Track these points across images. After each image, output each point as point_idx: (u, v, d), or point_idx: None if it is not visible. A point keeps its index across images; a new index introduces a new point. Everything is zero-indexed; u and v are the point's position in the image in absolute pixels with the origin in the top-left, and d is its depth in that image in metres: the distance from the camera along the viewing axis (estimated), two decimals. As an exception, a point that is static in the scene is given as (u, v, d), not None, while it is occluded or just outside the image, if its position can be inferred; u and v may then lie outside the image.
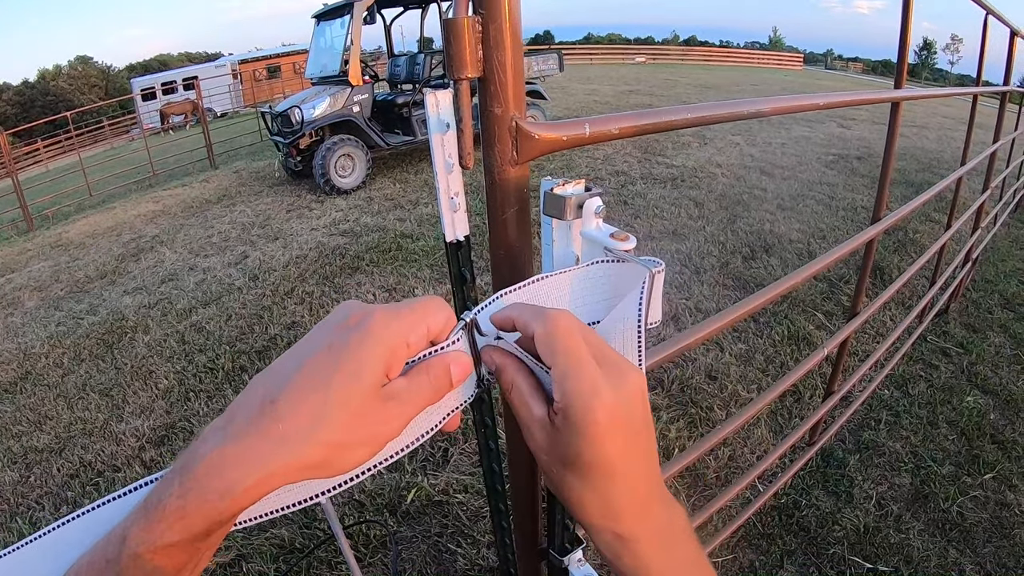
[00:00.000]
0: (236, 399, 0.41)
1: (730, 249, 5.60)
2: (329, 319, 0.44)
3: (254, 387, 0.40)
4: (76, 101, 47.31)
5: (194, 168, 12.74)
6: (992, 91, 3.69)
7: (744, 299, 1.33)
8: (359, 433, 0.41)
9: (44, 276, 7.05)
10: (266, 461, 0.38)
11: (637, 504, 0.46)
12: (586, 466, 0.44)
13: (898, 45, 1.95)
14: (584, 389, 0.43)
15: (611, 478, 0.45)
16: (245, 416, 0.39)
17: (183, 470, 0.37)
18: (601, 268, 0.56)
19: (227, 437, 0.38)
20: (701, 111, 0.97)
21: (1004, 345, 3.83)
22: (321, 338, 0.42)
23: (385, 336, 0.42)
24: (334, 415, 0.39)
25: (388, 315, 0.43)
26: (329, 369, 0.39)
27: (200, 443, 0.38)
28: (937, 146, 11.21)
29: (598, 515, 0.46)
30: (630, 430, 0.45)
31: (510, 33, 0.58)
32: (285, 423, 0.38)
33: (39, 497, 3.16)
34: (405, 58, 10.28)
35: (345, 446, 0.40)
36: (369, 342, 0.41)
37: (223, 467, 0.37)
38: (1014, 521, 2.49)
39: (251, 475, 0.37)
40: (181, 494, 0.36)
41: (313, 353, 0.40)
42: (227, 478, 0.37)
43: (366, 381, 0.40)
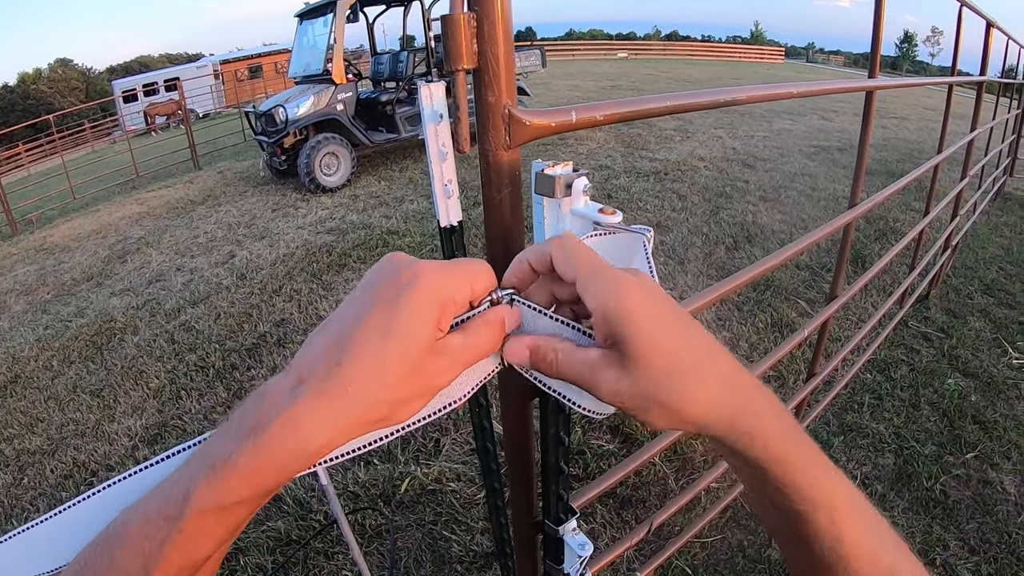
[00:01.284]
0: (297, 357, 0.43)
1: (713, 240, 5.65)
2: (377, 273, 0.45)
3: (315, 347, 0.42)
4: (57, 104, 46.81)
5: (178, 169, 12.67)
6: (967, 81, 3.74)
7: (722, 280, 1.37)
8: (416, 386, 0.43)
9: (30, 280, 7.02)
10: (338, 420, 0.40)
11: (726, 373, 0.45)
12: (662, 358, 0.43)
13: (871, 35, 2.01)
14: (609, 284, 0.44)
15: (690, 356, 0.44)
16: (313, 377, 0.40)
17: (255, 430, 0.39)
18: (593, 242, 0.59)
19: (298, 399, 0.39)
20: (680, 99, 1.01)
21: (984, 329, 3.89)
22: (374, 295, 0.43)
23: (437, 293, 0.44)
24: (395, 372, 0.41)
25: (438, 272, 0.44)
26: (387, 327, 0.41)
27: (269, 404, 0.40)
28: (917, 136, 11.31)
29: (710, 402, 0.43)
30: (671, 309, 0.45)
31: (502, 28, 0.62)
32: (352, 384, 0.40)
33: (33, 499, 3.17)
34: (388, 56, 10.26)
35: (404, 400, 0.43)
36: (423, 300, 0.43)
37: (298, 427, 0.39)
38: (996, 498, 2.55)
39: (324, 433, 0.40)
40: (255, 452, 0.38)
41: (369, 311, 0.42)
42: (302, 437, 0.39)
43: (422, 338, 0.42)
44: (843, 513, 0.44)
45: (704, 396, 0.43)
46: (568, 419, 0.85)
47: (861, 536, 0.45)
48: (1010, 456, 2.79)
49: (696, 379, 0.43)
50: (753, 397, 0.45)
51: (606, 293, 0.43)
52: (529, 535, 1.08)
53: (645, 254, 0.55)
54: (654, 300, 0.44)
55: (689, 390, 0.43)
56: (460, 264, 0.47)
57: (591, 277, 0.45)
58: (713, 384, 0.44)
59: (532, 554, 1.11)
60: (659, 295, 0.45)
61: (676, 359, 0.43)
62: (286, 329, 4.55)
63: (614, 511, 2.56)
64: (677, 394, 0.43)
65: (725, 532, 2.43)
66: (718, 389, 0.44)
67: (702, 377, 0.43)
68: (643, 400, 0.43)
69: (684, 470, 2.79)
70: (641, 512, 2.56)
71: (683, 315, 0.46)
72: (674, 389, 0.43)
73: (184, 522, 0.38)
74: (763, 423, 0.44)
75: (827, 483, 0.45)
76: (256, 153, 11.31)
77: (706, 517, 2.00)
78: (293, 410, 0.39)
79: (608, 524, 2.49)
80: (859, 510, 0.46)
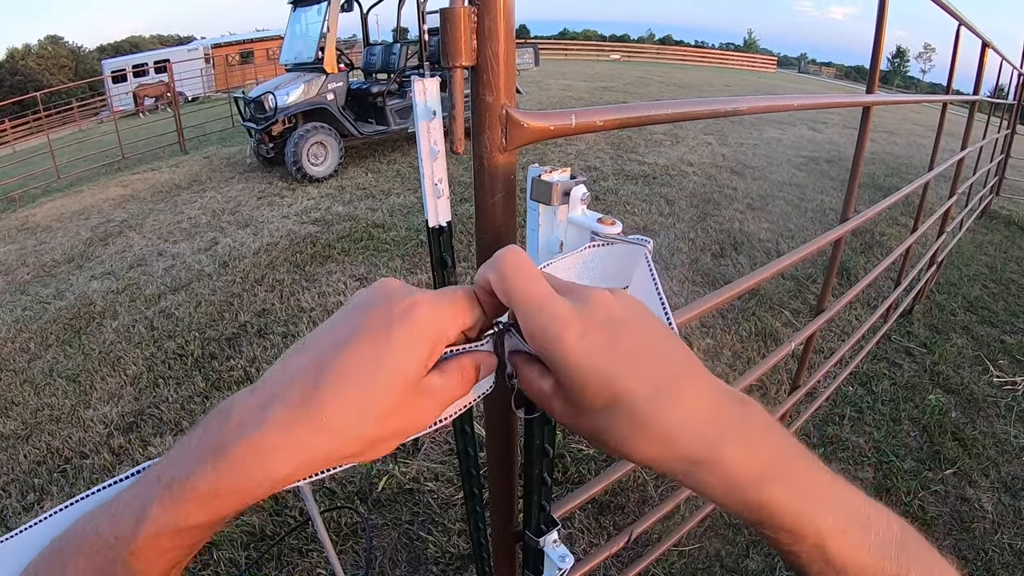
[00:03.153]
0: (269, 376, 0.40)
1: (700, 246, 5.66)
2: (368, 298, 0.42)
3: (290, 366, 0.39)
4: (45, 82, 46.39)
5: (164, 152, 12.56)
6: (961, 100, 3.76)
7: (710, 293, 1.36)
8: (397, 425, 0.41)
9: (10, 259, 6.93)
10: (307, 451, 0.37)
11: (690, 413, 0.40)
12: (595, 399, 0.40)
13: (871, 51, 2.00)
14: (544, 318, 0.41)
15: (628, 398, 0.40)
16: (285, 401, 0.37)
17: (216, 452, 0.36)
18: (591, 252, 0.57)
19: (267, 422, 0.37)
20: (681, 107, 0.99)
21: (966, 346, 3.91)
22: (363, 321, 0.40)
23: (431, 329, 0.41)
24: (379, 407, 0.39)
25: (433, 306, 0.42)
26: (373, 361, 0.39)
27: (233, 424, 0.37)
28: (906, 152, 11.38)
29: (652, 445, 0.40)
30: (617, 340, 0.41)
31: (504, 24, 0.60)
32: (328, 414, 0.37)
33: (5, 484, 3.12)
34: (381, 47, 10.22)
35: (383, 438, 0.41)
36: (417, 335, 0.40)
37: (264, 453, 0.36)
38: (973, 515, 2.56)
39: (292, 462, 0.37)
40: (216, 478, 0.36)
41: (355, 339, 0.39)
42: (268, 465, 0.37)
43: (411, 375, 0.40)
44: (829, 539, 0.41)
45: (652, 440, 0.40)
46: (553, 430, 0.83)
47: (856, 555, 0.41)
48: (988, 474, 2.81)
49: (643, 423, 0.40)
50: (718, 444, 0.40)
51: (543, 339, 0.41)
52: (509, 544, 1.06)
53: (648, 266, 0.53)
54: (594, 342, 0.41)
55: (633, 434, 0.40)
56: (451, 297, 0.44)
57: (527, 316, 0.42)
58: (666, 427, 0.40)
59: (511, 563, 1.09)
60: (602, 332, 0.41)
61: (617, 402, 0.40)
62: (267, 320, 4.51)
63: (592, 517, 2.55)
64: (620, 435, 0.41)
65: (703, 542, 2.43)
66: (673, 432, 0.40)
67: (646, 427, 0.40)
68: (591, 436, 0.43)
69: (663, 477, 2.78)
70: (619, 518, 2.55)
71: (631, 346, 0.41)
72: (616, 430, 0.41)
73: (136, 543, 0.36)
74: (725, 474, 0.40)
75: (808, 514, 0.41)
76: (244, 139, 11.23)
77: (685, 526, 1.99)
78: (259, 435, 0.36)
79: (586, 530, 2.48)
80: (852, 527, 0.41)
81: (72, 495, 2.01)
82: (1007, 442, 3.03)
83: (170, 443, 3.22)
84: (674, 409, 0.40)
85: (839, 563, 0.41)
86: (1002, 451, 2.96)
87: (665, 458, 0.41)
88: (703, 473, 0.40)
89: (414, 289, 0.43)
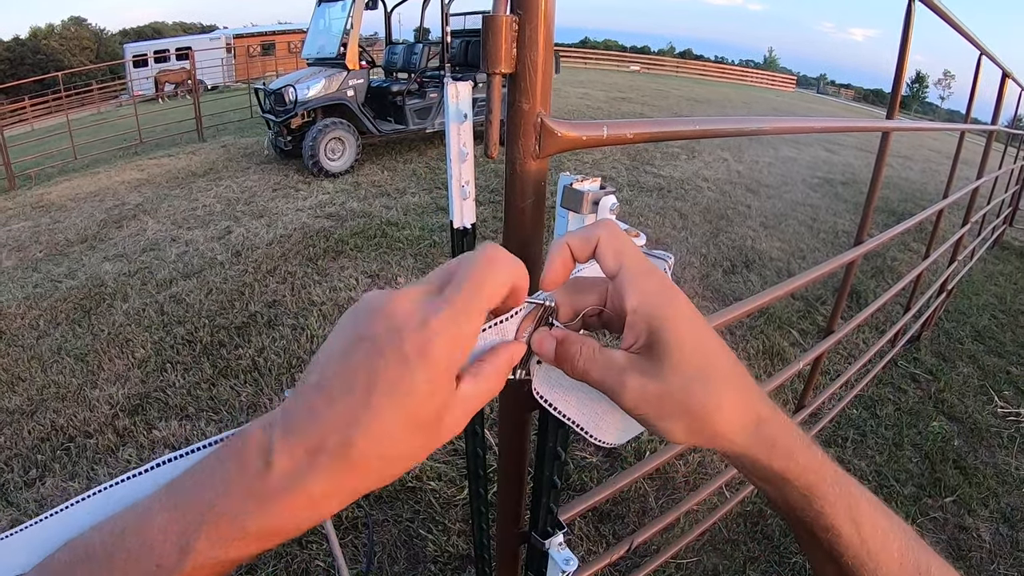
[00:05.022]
0: (296, 413, 0.38)
1: (711, 262, 5.66)
2: (374, 333, 0.38)
3: (318, 410, 0.38)
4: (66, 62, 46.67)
5: (182, 139, 12.60)
6: (979, 129, 3.76)
7: (722, 310, 1.37)
8: (431, 444, 0.41)
9: (24, 236, 6.96)
10: (354, 493, 0.39)
11: (751, 383, 0.45)
12: (698, 359, 0.42)
13: (893, 76, 2.01)
14: (659, 285, 0.43)
15: (720, 362, 0.43)
16: (329, 452, 0.37)
17: (265, 499, 0.37)
18: None
19: (316, 473, 0.37)
20: (707, 124, 1.01)
21: (972, 375, 3.91)
22: (379, 371, 0.37)
23: (454, 364, 0.40)
24: (414, 444, 0.39)
25: (450, 337, 0.39)
26: (405, 417, 0.38)
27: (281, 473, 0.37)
28: (921, 178, 11.36)
29: (736, 404, 0.43)
30: (700, 316, 0.45)
31: (544, 34, 0.61)
32: (372, 462, 0.38)
33: (8, 459, 3.13)
34: (403, 47, 10.25)
35: (418, 459, 0.41)
36: (439, 377, 0.39)
37: (316, 502, 0.37)
38: (971, 544, 2.56)
39: (340, 504, 0.39)
40: (266, 521, 0.37)
41: (377, 391, 0.37)
42: (319, 511, 0.38)
43: (441, 414, 0.40)
44: (865, 519, 0.45)
45: (732, 404, 0.43)
46: (567, 434, 0.85)
47: (885, 541, 0.45)
48: (988, 504, 2.81)
49: (726, 389, 0.43)
50: (774, 410, 0.45)
51: (655, 293, 0.43)
52: (513, 545, 1.07)
53: None
54: (692, 308, 0.44)
55: (721, 398, 0.43)
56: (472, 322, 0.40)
57: (639, 274, 0.44)
58: (740, 394, 0.44)
59: (513, 564, 1.10)
60: (693, 305, 0.45)
61: (709, 367, 0.43)
62: (277, 311, 4.53)
63: (593, 524, 2.55)
64: (708, 400, 0.42)
65: (701, 555, 2.43)
66: (745, 399, 0.44)
67: (731, 387, 0.43)
68: (669, 406, 0.43)
69: (665, 489, 2.79)
70: (620, 527, 2.56)
71: (711, 328, 0.45)
72: (707, 394, 0.42)
73: (181, 574, 0.36)
74: (786, 434, 0.45)
75: (847, 488, 0.45)
76: (262, 130, 11.27)
77: (685, 539, 1.99)
78: (312, 486, 0.37)
79: (586, 537, 2.49)
80: (880, 514, 0.46)
81: (75, 474, 2.02)
82: (1008, 473, 3.03)
83: (175, 428, 3.25)
84: (746, 379, 0.45)
85: (873, 545, 0.45)
86: (1002, 482, 2.96)
87: (739, 422, 0.43)
88: (770, 431, 0.44)
89: (420, 301, 0.40)
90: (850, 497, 0.45)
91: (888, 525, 0.45)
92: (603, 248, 0.45)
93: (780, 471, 0.44)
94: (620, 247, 0.44)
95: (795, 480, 0.44)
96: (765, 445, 0.44)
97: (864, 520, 0.44)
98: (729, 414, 0.43)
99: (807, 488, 0.44)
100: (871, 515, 0.45)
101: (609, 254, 0.44)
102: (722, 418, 0.43)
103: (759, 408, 0.44)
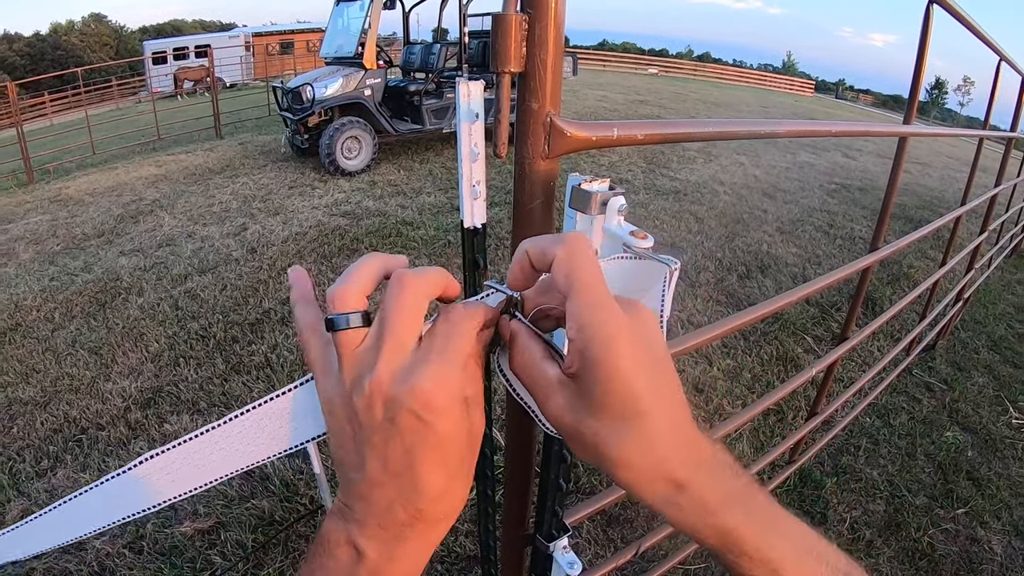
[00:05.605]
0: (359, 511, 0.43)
1: (727, 266, 5.63)
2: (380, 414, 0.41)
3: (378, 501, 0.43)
4: (86, 58, 47.01)
5: (199, 136, 12.69)
6: (998, 136, 3.73)
7: (735, 314, 1.36)
8: (471, 475, 0.46)
9: (41, 230, 7.02)
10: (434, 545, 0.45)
11: (682, 441, 0.42)
12: (618, 407, 0.40)
13: (911, 82, 1.99)
14: (603, 314, 0.41)
15: (648, 416, 0.41)
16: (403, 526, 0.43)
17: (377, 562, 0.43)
18: (618, 264, 0.57)
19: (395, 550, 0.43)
20: (720, 127, 1.00)
21: (987, 385, 3.87)
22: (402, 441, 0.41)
23: (458, 394, 0.42)
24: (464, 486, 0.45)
25: (444, 380, 0.41)
26: (441, 463, 0.42)
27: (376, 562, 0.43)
28: (939, 184, 11.26)
29: (646, 464, 0.41)
30: (653, 359, 0.42)
31: (554, 33, 0.61)
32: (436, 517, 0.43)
33: (20, 449, 3.16)
34: (420, 46, 10.26)
35: (467, 495, 0.46)
36: (455, 421, 0.42)
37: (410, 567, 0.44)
38: (982, 557, 2.53)
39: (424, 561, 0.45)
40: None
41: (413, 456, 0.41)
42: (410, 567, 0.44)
43: (468, 447, 0.44)
44: (787, 567, 0.43)
45: (644, 466, 0.41)
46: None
47: None
48: (1000, 516, 2.78)
49: (643, 443, 0.41)
50: (696, 471, 0.42)
51: (596, 329, 0.40)
52: (518, 547, 1.07)
53: (663, 286, 0.53)
54: (640, 351, 0.41)
55: (631, 456, 0.41)
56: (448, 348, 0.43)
57: (587, 306, 0.41)
58: (658, 451, 0.41)
59: (518, 566, 1.10)
60: (643, 346, 0.42)
61: (631, 418, 0.40)
62: (291, 308, 4.53)
63: (600, 528, 2.55)
64: (616, 451, 0.41)
65: (709, 562, 2.42)
66: (661, 458, 0.41)
67: (648, 447, 0.41)
68: (581, 437, 0.42)
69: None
70: (627, 531, 2.55)
71: (661, 365, 0.43)
72: (615, 445, 0.41)
73: None
74: (701, 499, 0.42)
75: (768, 540, 0.43)
76: (279, 128, 11.31)
77: (692, 545, 1.98)
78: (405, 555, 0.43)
79: (593, 541, 2.48)
80: (807, 558, 0.44)
81: (86, 465, 2.04)
82: (1021, 485, 3.00)
83: (187, 422, 3.27)
84: (677, 434, 0.42)
85: None
86: (1016, 494, 2.93)
87: (654, 478, 0.42)
88: (683, 496, 0.42)
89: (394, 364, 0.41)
90: (770, 550, 0.43)
91: (816, 570, 0.44)
92: (556, 267, 0.43)
93: (689, 530, 0.43)
94: (572, 271, 0.42)
95: (704, 540, 0.43)
96: (672, 508, 0.42)
97: (786, 570, 0.43)
98: (636, 474, 0.42)
99: (717, 546, 0.43)
100: (795, 564, 0.44)
101: (560, 276, 0.43)
102: (627, 474, 0.42)
103: (677, 472, 0.42)
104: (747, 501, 0.44)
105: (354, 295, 0.44)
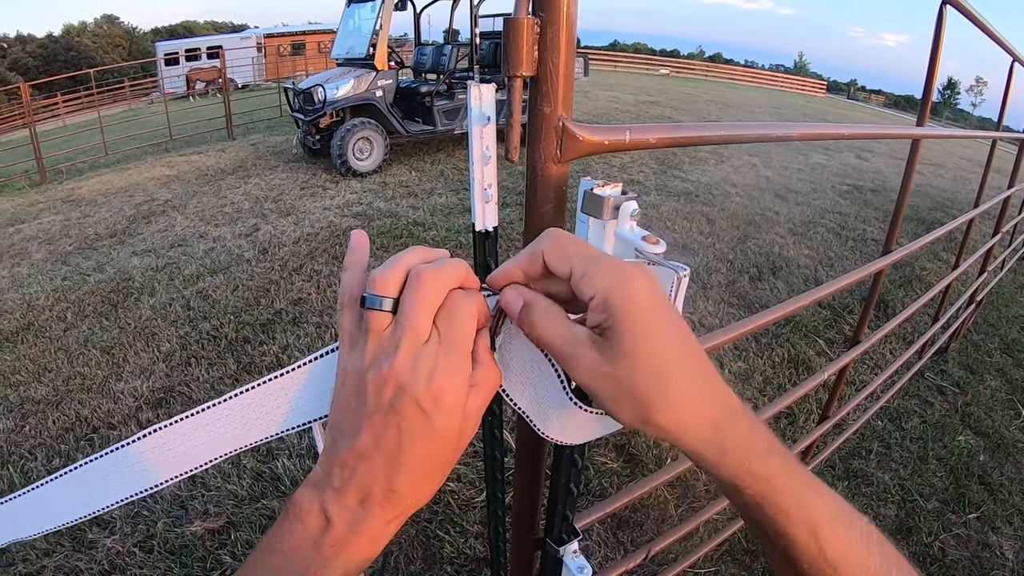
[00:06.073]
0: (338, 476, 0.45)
1: (738, 268, 5.62)
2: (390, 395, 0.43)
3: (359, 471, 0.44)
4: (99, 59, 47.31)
5: (211, 137, 12.76)
6: (1012, 137, 3.70)
7: (747, 317, 1.35)
8: (448, 471, 0.49)
9: (54, 229, 7.07)
10: (397, 524, 0.47)
11: (715, 387, 0.44)
12: (650, 353, 0.41)
13: (924, 82, 1.97)
14: (611, 269, 0.43)
15: (680, 360, 0.42)
16: (372, 501, 0.45)
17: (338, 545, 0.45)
18: None
19: (371, 519, 0.45)
20: (732, 130, 0.99)
21: (1000, 389, 3.85)
22: (401, 423, 0.43)
23: (462, 397, 0.45)
24: (440, 479, 0.48)
25: (456, 389, 0.44)
26: (427, 454, 0.44)
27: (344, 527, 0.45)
28: (952, 186, 11.20)
29: (686, 404, 0.42)
30: (667, 304, 0.44)
31: (566, 36, 0.60)
32: (410, 498, 0.46)
33: (32, 448, 3.18)
34: (432, 48, 10.29)
35: (437, 487, 0.49)
36: (453, 420, 0.44)
37: (376, 537, 0.46)
38: (994, 562, 2.51)
39: (387, 538, 0.47)
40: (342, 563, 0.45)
41: (405, 440, 0.43)
42: (380, 541, 0.47)
43: (455, 444, 0.46)
44: (824, 526, 0.44)
45: (682, 402, 0.42)
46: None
47: (845, 548, 0.44)
48: (1012, 521, 2.76)
49: (679, 383, 0.42)
50: (732, 415, 0.44)
51: (608, 278, 0.42)
52: (527, 551, 1.06)
53: (671, 293, 0.53)
54: (656, 293, 0.43)
55: (670, 391, 0.42)
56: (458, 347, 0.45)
57: (589, 264, 0.43)
58: (694, 392, 0.43)
59: (528, 570, 1.09)
60: (662, 291, 0.44)
61: (665, 357, 0.42)
62: (302, 308, 4.55)
63: (611, 531, 2.54)
64: (656, 392, 0.42)
65: (719, 566, 2.41)
66: (698, 399, 0.43)
67: (685, 382, 0.42)
68: (618, 389, 0.42)
69: (685, 497, 2.77)
70: (638, 535, 2.54)
71: (680, 318, 0.45)
72: (654, 386, 0.42)
73: None
74: (741, 442, 0.44)
75: (805, 497, 0.44)
76: (290, 129, 11.35)
77: (703, 549, 1.98)
78: (371, 529, 0.45)
79: (603, 544, 2.47)
80: (840, 521, 0.45)
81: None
82: (1035, 490, 2.98)
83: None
84: (709, 380, 0.44)
85: (831, 553, 0.44)
86: (1029, 498, 2.91)
87: (695, 419, 0.43)
88: (724, 437, 0.43)
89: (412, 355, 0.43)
90: (807, 507, 0.44)
91: (849, 534, 0.44)
92: (549, 258, 0.46)
93: (728, 478, 0.44)
94: (563, 250, 0.45)
95: (745, 489, 0.44)
96: (715, 450, 0.43)
97: (823, 530, 0.43)
98: (676, 412, 0.42)
99: (758, 496, 0.44)
100: (831, 525, 0.44)
101: (556, 261, 0.45)
102: (667, 413, 0.42)
103: (714, 412, 0.43)
104: (784, 453, 0.46)
105: (394, 281, 0.45)
